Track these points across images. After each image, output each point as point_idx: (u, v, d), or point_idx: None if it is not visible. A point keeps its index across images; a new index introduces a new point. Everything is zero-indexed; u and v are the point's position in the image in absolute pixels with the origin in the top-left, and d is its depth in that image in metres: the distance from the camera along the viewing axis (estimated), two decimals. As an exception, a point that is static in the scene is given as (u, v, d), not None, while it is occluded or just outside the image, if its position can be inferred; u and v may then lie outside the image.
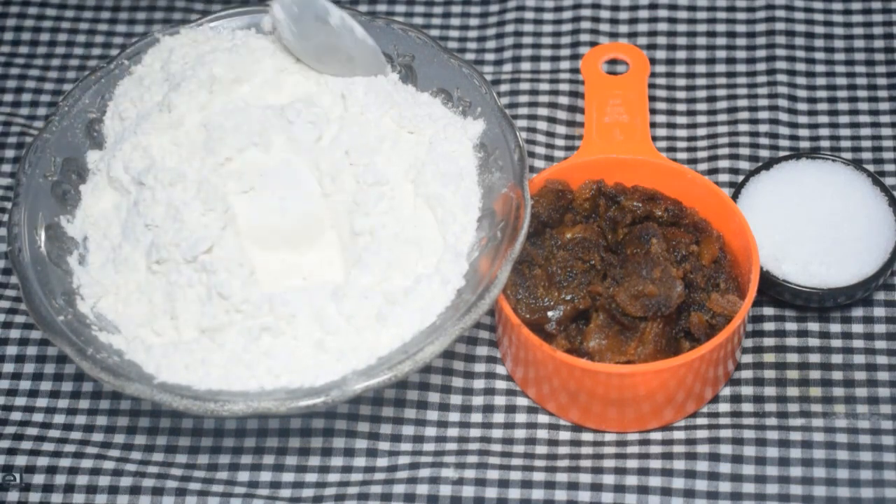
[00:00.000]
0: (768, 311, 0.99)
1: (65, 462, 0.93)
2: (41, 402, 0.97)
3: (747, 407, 0.95)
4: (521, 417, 0.95)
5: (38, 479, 0.93)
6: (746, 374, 0.96)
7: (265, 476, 0.93)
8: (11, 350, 0.99)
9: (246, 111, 0.96)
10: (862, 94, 1.09)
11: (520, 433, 0.95)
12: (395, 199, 0.95)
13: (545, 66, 1.12)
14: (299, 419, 0.95)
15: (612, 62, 1.08)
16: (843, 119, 1.07)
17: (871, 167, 1.05)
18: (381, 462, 0.94)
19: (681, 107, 1.10)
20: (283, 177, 0.94)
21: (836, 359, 0.97)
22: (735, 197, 1.00)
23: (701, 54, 1.12)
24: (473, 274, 0.92)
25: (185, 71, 0.97)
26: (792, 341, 0.98)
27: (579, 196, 0.98)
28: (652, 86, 1.10)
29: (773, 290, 0.98)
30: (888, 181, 1.04)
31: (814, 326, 0.98)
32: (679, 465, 0.92)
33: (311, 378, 0.88)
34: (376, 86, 0.99)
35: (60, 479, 0.93)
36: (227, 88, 0.96)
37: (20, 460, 0.94)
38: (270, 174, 0.94)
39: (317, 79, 0.98)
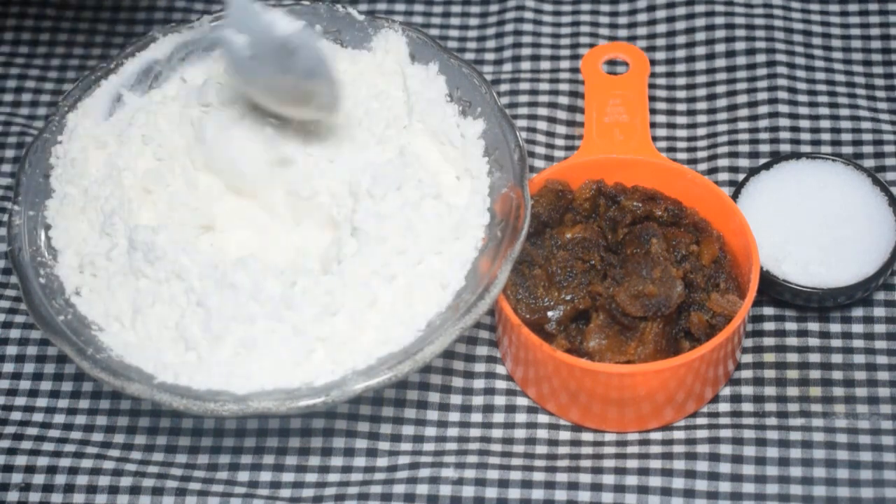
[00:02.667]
0: (768, 311, 0.99)
1: (65, 462, 0.93)
2: (41, 402, 0.97)
3: (747, 407, 0.95)
4: (521, 417, 0.95)
5: (38, 479, 0.93)
6: (746, 374, 0.97)
7: (265, 476, 0.93)
8: (11, 350, 0.99)
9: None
10: (861, 93, 1.09)
11: (520, 433, 0.95)
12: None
13: (545, 65, 1.12)
14: (299, 419, 0.95)
15: (612, 62, 1.08)
16: (844, 119, 1.07)
17: (871, 167, 1.05)
18: (381, 462, 0.94)
19: (681, 107, 1.10)
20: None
21: (836, 359, 0.97)
22: (735, 197, 1.00)
23: (701, 54, 1.12)
24: (473, 274, 0.92)
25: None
26: (792, 341, 0.98)
27: (579, 196, 0.98)
28: (652, 86, 1.10)
29: (773, 290, 0.98)
30: (888, 180, 1.04)
31: (814, 326, 0.98)
32: (679, 465, 0.92)
33: (311, 378, 0.88)
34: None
35: (60, 479, 0.93)
36: None
37: (20, 460, 0.94)
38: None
39: None
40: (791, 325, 0.98)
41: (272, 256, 0.93)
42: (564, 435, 0.95)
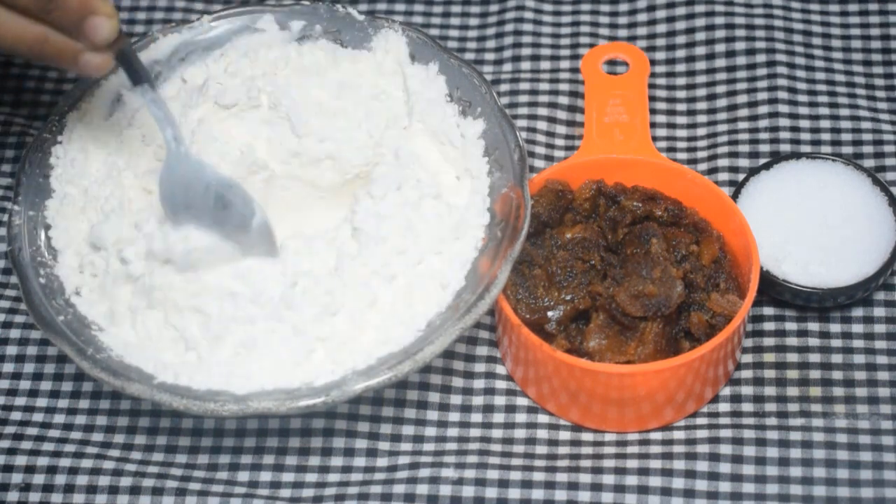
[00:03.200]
0: (768, 311, 0.99)
1: (65, 462, 0.93)
2: (41, 402, 0.97)
3: (747, 407, 0.95)
4: (521, 417, 0.95)
5: (38, 479, 0.93)
6: (746, 374, 0.96)
7: (265, 476, 0.93)
8: (11, 350, 0.99)
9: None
10: (861, 93, 1.09)
11: (520, 433, 0.95)
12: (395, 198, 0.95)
13: (545, 65, 1.12)
14: (299, 419, 0.95)
15: (612, 62, 1.08)
16: (844, 119, 1.07)
17: (871, 167, 1.05)
18: (381, 462, 0.94)
19: (681, 107, 1.10)
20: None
21: (836, 359, 0.97)
22: (735, 197, 1.00)
23: (701, 54, 1.12)
24: (473, 274, 0.92)
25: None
26: (792, 341, 0.98)
27: (579, 196, 0.98)
28: (652, 86, 1.10)
29: (773, 290, 0.98)
30: (888, 180, 1.04)
31: (814, 326, 0.98)
32: (679, 465, 0.92)
33: (311, 378, 0.88)
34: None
35: (60, 479, 0.93)
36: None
37: (20, 460, 0.94)
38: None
39: None
40: (791, 325, 0.98)
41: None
42: (564, 435, 0.95)
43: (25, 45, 0.86)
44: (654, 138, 1.07)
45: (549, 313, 0.93)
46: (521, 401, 0.96)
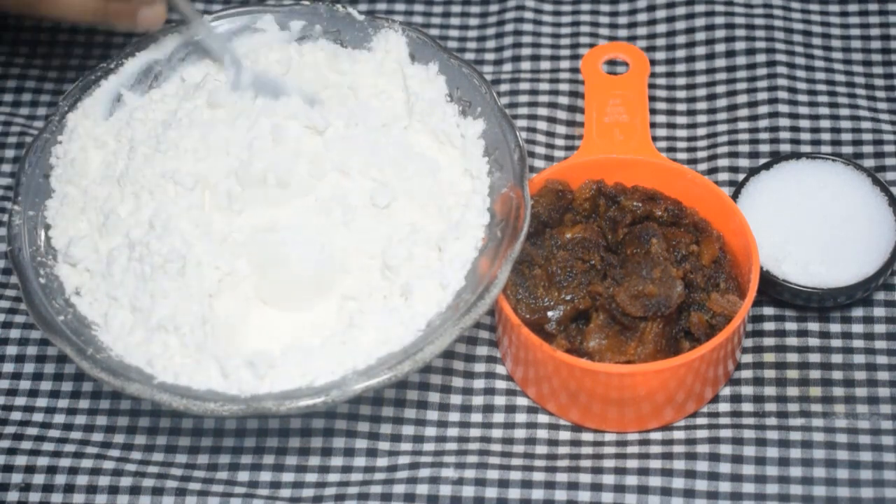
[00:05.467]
0: (768, 311, 0.99)
1: (65, 462, 0.93)
2: (41, 402, 0.97)
3: (747, 407, 0.95)
4: (521, 417, 0.95)
5: (38, 479, 0.93)
6: (746, 374, 0.97)
7: (265, 476, 0.93)
8: (11, 350, 0.99)
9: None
10: (861, 93, 1.09)
11: (520, 433, 0.95)
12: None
13: (545, 65, 1.12)
14: (299, 419, 0.95)
15: (612, 62, 1.08)
16: (844, 119, 1.07)
17: (871, 167, 1.05)
18: (381, 462, 0.94)
19: (681, 107, 1.10)
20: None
21: (836, 359, 0.97)
22: (735, 197, 1.00)
23: (701, 54, 1.12)
24: (473, 274, 0.92)
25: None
26: (792, 341, 0.98)
27: (579, 196, 0.98)
28: (652, 86, 1.10)
29: (773, 290, 0.98)
30: (888, 180, 1.04)
31: (814, 326, 0.98)
32: (679, 465, 0.92)
33: (310, 378, 0.88)
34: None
35: (60, 479, 0.93)
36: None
37: (20, 460, 0.94)
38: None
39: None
40: (791, 325, 0.98)
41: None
42: (564, 435, 0.95)
43: (89, 16, 0.94)
44: (654, 138, 1.07)
45: (549, 313, 0.93)
46: (521, 401, 0.96)
